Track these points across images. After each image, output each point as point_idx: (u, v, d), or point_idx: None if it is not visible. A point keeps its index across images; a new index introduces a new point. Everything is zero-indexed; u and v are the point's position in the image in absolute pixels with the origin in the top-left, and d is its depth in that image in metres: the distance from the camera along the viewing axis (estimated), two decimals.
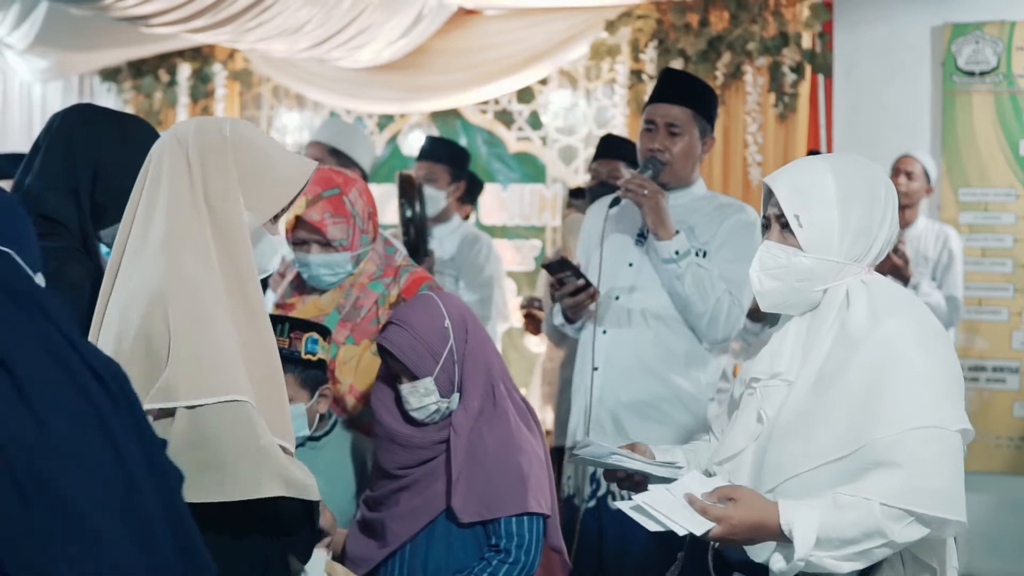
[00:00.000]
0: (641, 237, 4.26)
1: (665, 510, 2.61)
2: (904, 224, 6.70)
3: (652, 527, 2.64)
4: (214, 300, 2.58)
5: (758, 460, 2.77)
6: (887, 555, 2.61)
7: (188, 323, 2.53)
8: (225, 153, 2.68)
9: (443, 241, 6.01)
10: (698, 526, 2.61)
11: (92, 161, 3.15)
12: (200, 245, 2.60)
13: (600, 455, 2.91)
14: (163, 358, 2.51)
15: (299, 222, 3.71)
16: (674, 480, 2.79)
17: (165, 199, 2.64)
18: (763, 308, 2.89)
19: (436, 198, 5.94)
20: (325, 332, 3.51)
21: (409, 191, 5.63)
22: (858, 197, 2.77)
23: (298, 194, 2.81)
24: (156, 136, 3.26)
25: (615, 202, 4.22)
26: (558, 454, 6.12)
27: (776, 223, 2.82)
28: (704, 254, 4.17)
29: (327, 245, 3.70)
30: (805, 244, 2.76)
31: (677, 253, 4.07)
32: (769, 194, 2.85)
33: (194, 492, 2.30)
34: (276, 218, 2.86)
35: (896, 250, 6.35)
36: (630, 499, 2.71)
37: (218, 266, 2.60)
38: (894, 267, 6.34)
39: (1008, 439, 7.38)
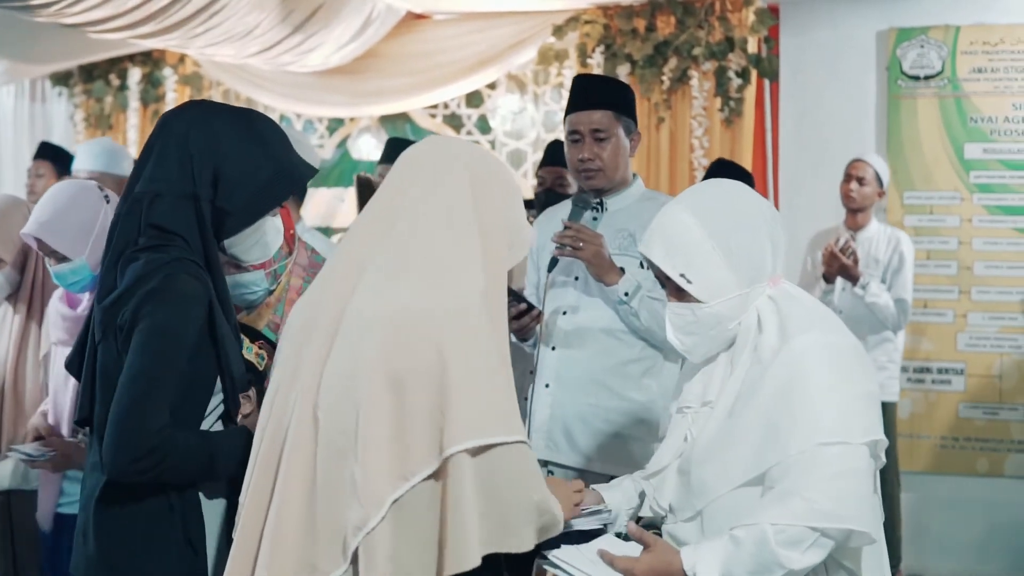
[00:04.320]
0: None
1: (576, 563, 2.68)
2: (856, 227, 6.76)
3: None
4: (489, 332, 2.44)
5: (683, 481, 2.81)
6: None
7: (482, 358, 2.39)
8: (493, 186, 2.58)
9: None
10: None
11: (213, 165, 2.88)
12: (479, 274, 2.48)
13: None
14: (458, 388, 2.34)
15: None
16: (608, 524, 2.95)
17: (446, 220, 2.48)
18: (695, 361, 2.90)
19: None
20: (256, 336, 3.45)
21: (368, 195, 5.61)
22: (727, 228, 2.76)
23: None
24: (280, 132, 3.05)
25: (552, 264, 4.18)
26: None
27: (668, 283, 2.82)
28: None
29: (238, 266, 3.48)
30: (701, 295, 2.76)
31: (627, 295, 4.05)
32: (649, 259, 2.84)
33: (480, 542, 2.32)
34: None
35: (845, 250, 6.39)
36: (544, 557, 2.76)
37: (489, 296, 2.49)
38: (843, 267, 6.38)
39: (953, 439, 7.43)
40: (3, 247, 4.18)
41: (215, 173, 2.87)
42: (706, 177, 6.18)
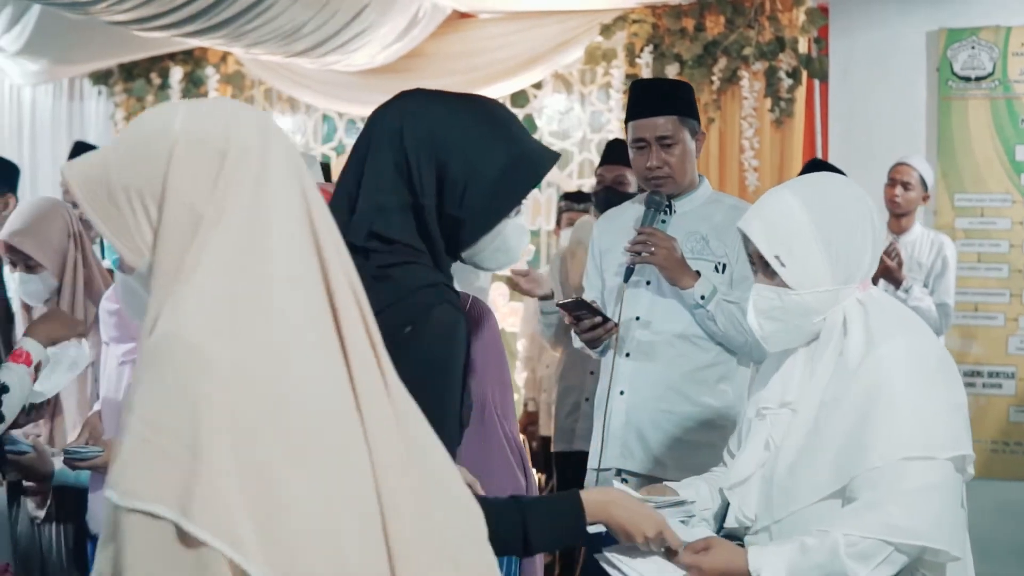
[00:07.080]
0: None
1: (633, 563, 2.59)
2: (900, 231, 6.69)
3: None
4: None
5: (766, 489, 2.77)
6: None
7: None
8: None
9: None
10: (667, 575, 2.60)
11: (434, 165, 2.39)
12: None
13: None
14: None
15: None
16: (691, 516, 2.86)
17: None
18: (770, 350, 2.86)
19: None
20: None
21: None
22: (833, 221, 2.71)
23: None
24: (510, 114, 2.60)
25: (628, 274, 4.09)
26: (559, 458, 6.11)
27: (760, 264, 2.78)
28: (724, 267, 4.08)
29: None
30: (792, 282, 2.71)
31: (703, 298, 3.98)
32: (746, 236, 2.79)
33: None
34: None
35: (889, 252, 6.33)
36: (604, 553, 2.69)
37: None
38: (886, 269, 6.32)
39: (1004, 444, 7.37)
40: (42, 252, 4.11)
41: (438, 174, 2.39)
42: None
